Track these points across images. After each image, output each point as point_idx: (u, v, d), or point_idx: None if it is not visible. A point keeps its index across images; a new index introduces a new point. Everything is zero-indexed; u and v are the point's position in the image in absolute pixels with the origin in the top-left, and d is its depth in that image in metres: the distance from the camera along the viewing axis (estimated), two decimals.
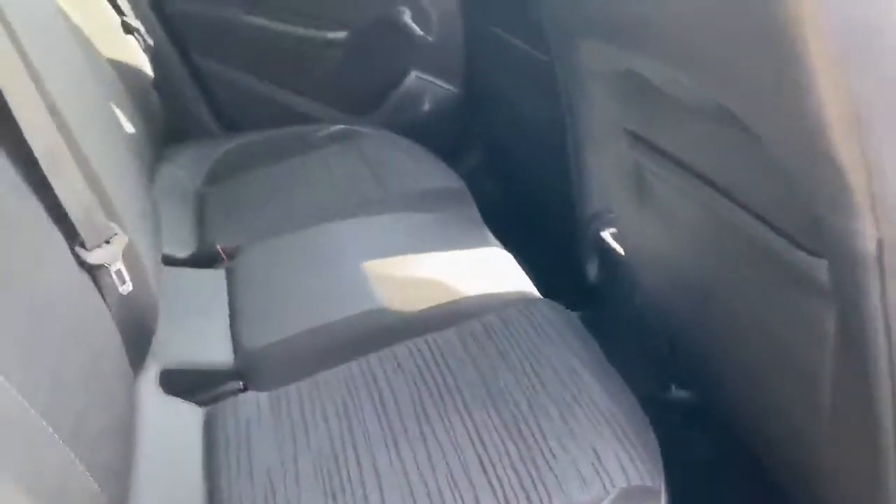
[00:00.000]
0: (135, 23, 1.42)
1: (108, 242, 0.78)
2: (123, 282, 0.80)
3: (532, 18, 1.18)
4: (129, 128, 1.27)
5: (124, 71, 1.35)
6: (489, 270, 1.09)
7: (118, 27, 1.40)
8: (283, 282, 1.08)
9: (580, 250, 1.28)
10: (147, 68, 1.47)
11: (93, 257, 0.76)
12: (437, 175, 1.38)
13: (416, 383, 0.85)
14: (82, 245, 0.75)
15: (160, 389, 0.90)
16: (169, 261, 1.18)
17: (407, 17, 1.64)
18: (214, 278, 1.12)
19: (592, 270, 1.28)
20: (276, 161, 1.49)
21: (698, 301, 0.90)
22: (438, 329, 0.94)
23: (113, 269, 0.78)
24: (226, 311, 1.05)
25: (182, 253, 1.21)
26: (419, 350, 0.90)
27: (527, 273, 1.10)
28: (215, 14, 1.58)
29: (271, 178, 1.43)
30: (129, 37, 1.42)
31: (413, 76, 1.72)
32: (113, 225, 0.80)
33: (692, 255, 0.89)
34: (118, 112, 1.24)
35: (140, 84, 1.43)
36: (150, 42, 1.47)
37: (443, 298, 1.00)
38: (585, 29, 0.82)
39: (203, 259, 1.20)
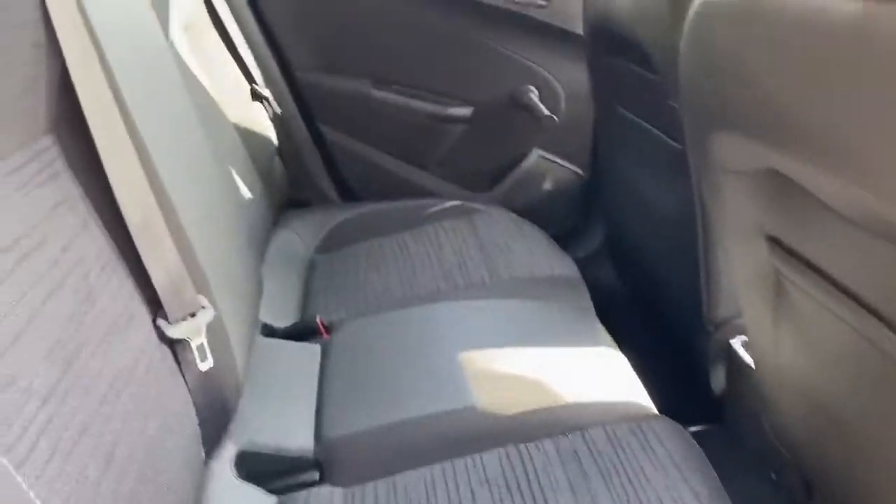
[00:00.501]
0: (264, 91, 1.45)
1: (192, 316, 0.75)
2: (204, 358, 0.76)
3: (665, 102, 1.10)
4: (247, 193, 1.28)
5: (249, 137, 1.38)
6: (599, 374, 0.99)
7: (247, 94, 1.43)
8: (375, 365, 1.02)
9: (704, 358, 1.15)
10: (272, 136, 1.50)
11: (174, 331, 0.73)
12: (551, 260, 1.29)
13: (501, 500, 0.76)
14: (164, 317, 0.73)
15: (233, 472, 0.85)
16: (267, 330, 1.15)
17: (533, 96, 1.60)
18: (309, 354, 1.08)
19: (717, 382, 1.15)
20: (388, 233, 1.47)
21: (842, 439, 0.76)
22: (535, 438, 0.84)
23: (194, 343, 0.75)
24: (314, 391, 1.00)
25: (282, 323, 1.19)
26: (510, 461, 0.81)
27: (641, 378, 0.99)
28: (344, 86, 1.60)
29: (381, 250, 1.40)
30: (257, 104, 1.46)
31: (536, 155, 1.66)
32: (201, 298, 0.77)
33: (835, 382, 0.76)
34: (236, 177, 1.25)
35: (264, 151, 1.45)
36: (278, 110, 1.50)
37: (543, 403, 0.91)
38: (723, 119, 0.73)
39: (302, 331, 1.17)
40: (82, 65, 0.65)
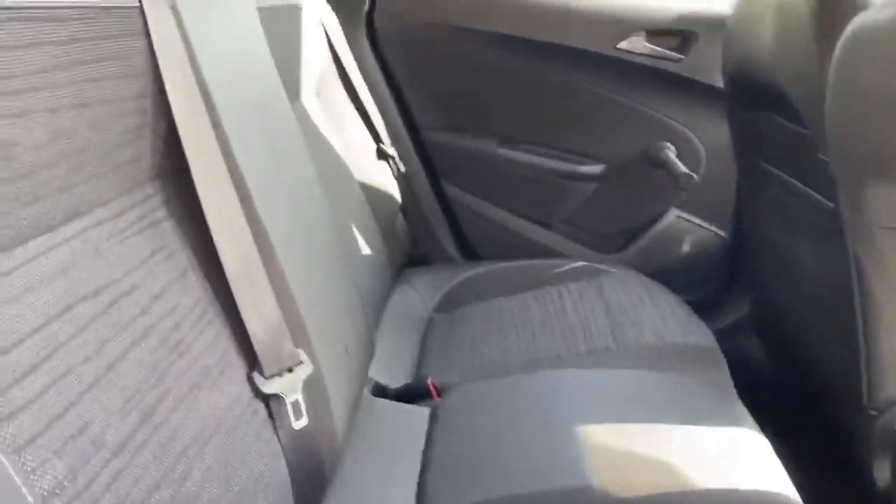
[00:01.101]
0: (389, 150, 1.46)
1: (289, 371, 0.73)
2: (300, 416, 0.73)
3: (815, 156, 0.99)
4: (365, 248, 1.27)
5: (373, 195, 1.38)
6: (736, 458, 0.87)
7: (373, 153, 1.44)
8: (485, 434, 0.95)
9: (864, 446, 0.99)
10: (396, 194, 1.50)
11: (268, 386, 0.70)
12: (686, 328, 1.18)
13: None
14: (260, 371, 0.70)
15: None
16: (377, 390, 1.12)
17: (670, 153, 1.51)
18: (417, 418, 1.03)
19: (880, 473, 0.98)
20: (509, 293, 1.41)
21: None
22: None
23: (289, 399, 0.72)
24: (418, 458, 0.94)
25: (394, 382, 1.15)
26: None
27: (785, 465, 0.86)
28: (469, 145, 1.59)
29: (501, 310, 1.35)
30: (382, 162, 1.46)
31: (673, 215, 1.56)
32: (300, 352, 0.74)
33: None
34: (356, 232, 1.24)
35: (387, 208, 1.45)
36: (402, 169, 1.50)
37: (671, 487, 0.80)
38: (878, 166, 0.63)
39: (413, 393, 1.12)
40: (190, 115, 0.65)
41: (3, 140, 0.45)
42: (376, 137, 1.45)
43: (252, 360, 0.70)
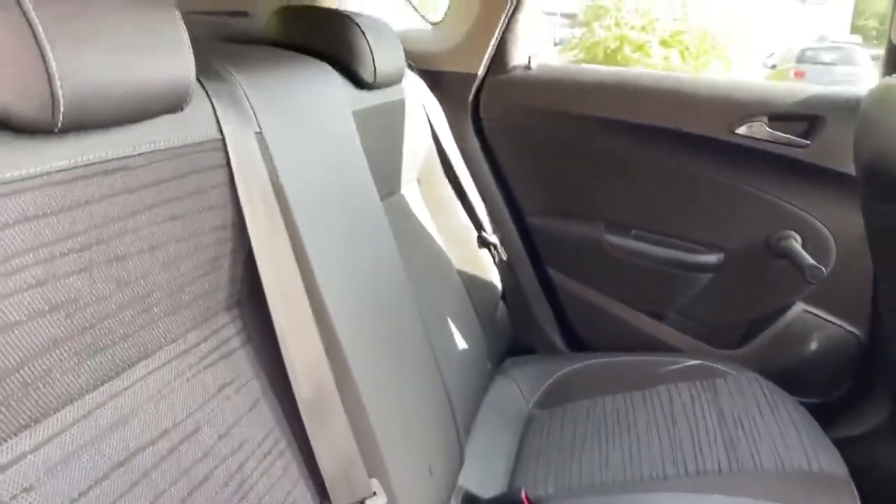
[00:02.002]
0: (491, 238, 1.43)
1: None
2: None
3: None
4: (464, 342, 1.24)
5: (473, 284, 1.35)
6: None
7: (474, 241, 1.42)
8: None
9: None
10: (497, 281, 1.46)
11: None
12: (812, 451, 1.06)
13: None
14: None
15: None
16: (468, 499, 1.07)
17: (796, 244, 1.39)
18: None
19: None
20: (616, 390, 1.33)
21: None
22: None
23: None
24: None
25: (486, 491, 1.09)
26: None
27: None
28: (576, 231, 1.53)
29: (605, 411, 1.27)
30: (484, 250, 1.43)
31: (798, 310, 1.43)
32: (373, 482, 0.71)
33: None
34: (454, 325, 1.21)
35: (488, 297, 1.42)
36: (504, 256, 1.46)
37: None
38: None
39: None
40: (269, 241, 0.65)
41: (63, 300, 0.45)
42: (478, 225, 1.43)
43: (321, 493, 0.68)
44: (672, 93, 1.41)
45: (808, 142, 1.34)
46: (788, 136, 1.36)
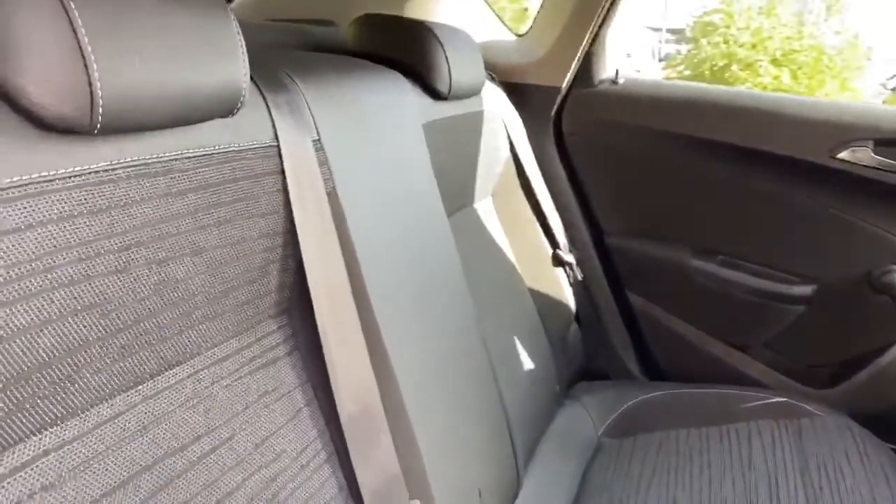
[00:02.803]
0: (567, 257, 1.39)
1: None
2: None
3: None
4: (531, 363, 1.20)
5: (546, 302, 1.31)
6: None
7: (549, 259, 1.38)
8: None
9: None
10: (571, 302, 1.41)
11: None
12: None
13: None
14: None
15: None
16: None
17: None
18: None
19: None
20: (693, 424, 1.26)
21: None
22: None
23: None
24: None
25: None
26: None
27: None
28: (658, 254, 1.47)
29: (678, 446, 1.20)
30: (559, 269, 1.39)
31: None
32: (415, 503, 0.69)
33: None
34: (521, 345, 1.18)
35: (561, 318, 1.37)
36: (580, 276, 1.41)
37: None
38: None
39: None
40: (320, 250, 0.64)
41: (98, 300, 0.45)
42: (554, 243, 1.39)
43: None
44: (769, 113, 1.33)
45: None
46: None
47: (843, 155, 1.28)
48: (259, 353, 0.61)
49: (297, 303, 0.65)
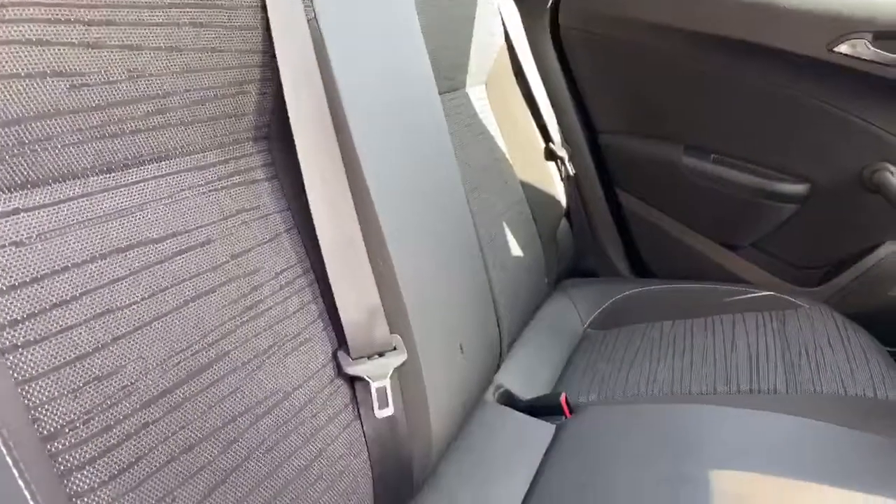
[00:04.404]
0: (560, 151, 1.38)
1: (380, 356, 0.68)
2: (385, 405, 0.68)
3: None
4: (519, 251, 1.20)
5: (536, 195, 1.31)
6: None
7: (541, 152, 1.37)
8: (607, 461, 0.84)
9: None
10: (562, 197, 1.41)
11: (353, 367, 0.66)
12: (881, 377, 0.98)
13: None
14: (346, 351, 0.67)
15: None
16: (505, 398, 1.05)
17: (891, 176, 1.28)
18: (542, 432, 0.95)
19: None
20: (678, 317, 1.27)
21: None
22: None
23: (375, 385, 0.67)
24: (531, 474, 0.86)
25: (527, 394, 1.07)
26: None
27: None
28: (650, 151, 1.46)
29: (662, 334, 1.21)
30: (551, 163, 1.38)
31: (888, 250, 1.32)
32: (395, 338, 0.70)
33: None
34: (510, 234, 1.18)
35: (551, 212, 1.37)
36: (571, 172, 1.41)
37: None
38: None
39: (543, 408, 1.03)
40: (299, 79, 0.63)
41: (65, 70, 0.44)
42: (546, 136, 1.38)
43: (339, 339, 0.67)
44: (767, 5, 1.31)
45: None
46: (895, 56, 1.24)
47: (840, 48, 1.26)
48: (238, 171, 0.61)
49: (277, 133, 0.65)
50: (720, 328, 1.19)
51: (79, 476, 0.42)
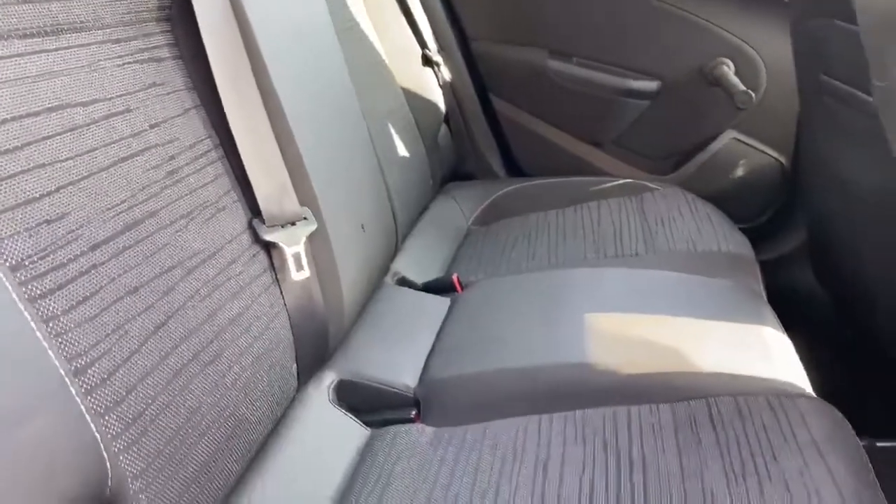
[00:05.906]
0: (435, 57, 1.45)
1: (293, 224, 0.74)
2: (300, 268, 0.75)
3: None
4: (405, 151, 1.27)
5: (416, 101, 1.37)
6: (749, 350, 0.84)
7: (418, 58, 1.43)
8: (497, 318, 0.95)
9: None
10: (441, 103, 1.49)
11: (268, 234, 0.72)
12: (722, 237, 1.14)
13: (593, 460, 0.66)
14: (261, 220, 0.72)
15: (331, 398, 0.83)
16: (403, 282, 1.13)
17: (728, 70, 1.43)
18: (438, 305, 1.04)
19: None
20: (550, 207, 1.40)
21: None
22: (652, 402, 0.73)
23: (290, 251, 0.74)
24: (432, 337, 0.96)
25: (421, 280, 1.16)
26: (615, 421, 0.71)
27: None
28: (518, 56, 1.56)
29: (537, 221, 1.33)
30: (427, 69, 1.45)
31: (728, 137, 1.49)
32: (305, 210, 0.76)
33: None
34: (396, 135, 1.24)
35: (431, 118, 1.44)
36: (448, 78, 1.48)
37: (670, 368, 0.79)
38: None
39: (438, 287, 1.13)
40: None
41: None
42: (422, 43, 1.44)
43: (254, 210, 0.72)
44: None
45: None
46: None
47: None
48: (146, 48, 0.64)
49: (179, 13, 0.68)
50: (587, 212, 1.32)
51: (43, 303, 0.47)
